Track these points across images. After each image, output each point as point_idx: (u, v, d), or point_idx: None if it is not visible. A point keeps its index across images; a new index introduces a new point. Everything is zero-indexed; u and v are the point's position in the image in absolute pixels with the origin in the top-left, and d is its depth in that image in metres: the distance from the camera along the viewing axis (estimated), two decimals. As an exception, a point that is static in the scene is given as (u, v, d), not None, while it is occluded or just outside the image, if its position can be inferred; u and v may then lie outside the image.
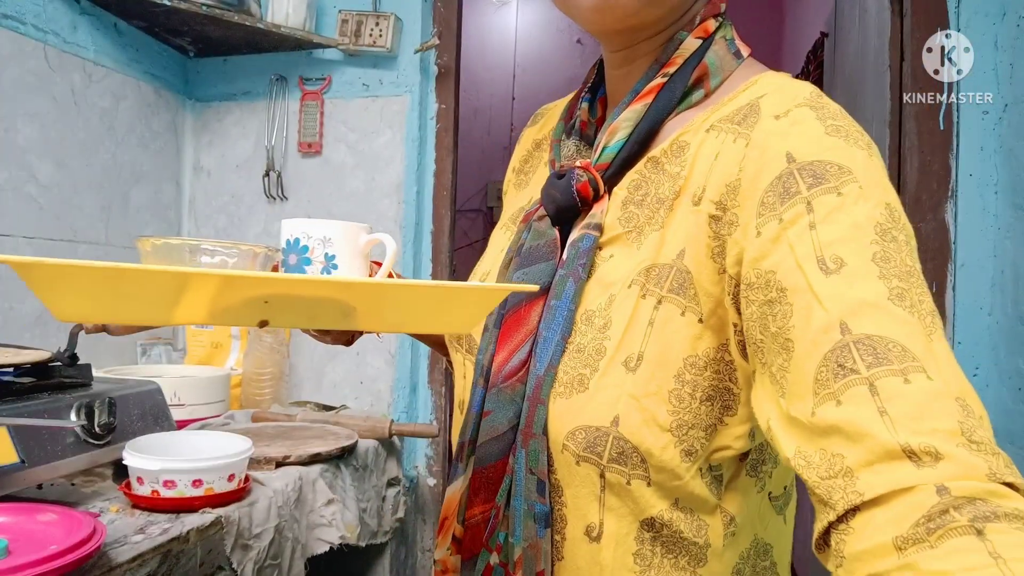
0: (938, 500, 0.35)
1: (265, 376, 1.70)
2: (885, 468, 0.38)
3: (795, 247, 0.45)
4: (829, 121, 0.50)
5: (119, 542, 0.87)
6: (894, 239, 0.45)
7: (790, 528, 0.61)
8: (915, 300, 0.43)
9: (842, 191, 0.46)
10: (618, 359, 0.52)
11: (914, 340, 0.41)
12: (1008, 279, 1.45)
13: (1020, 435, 1.38)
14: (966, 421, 0.39)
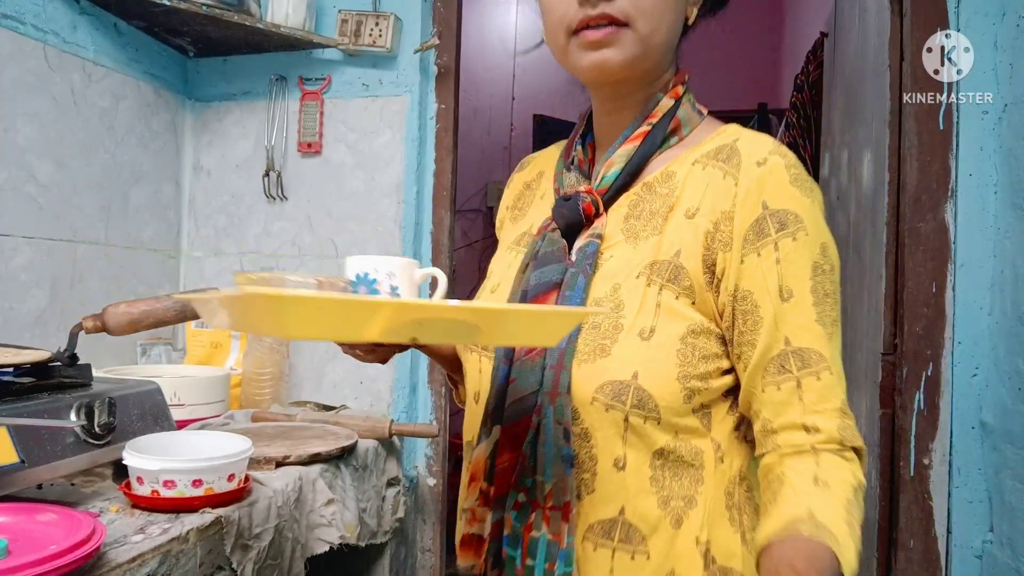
0: (812, 451, 0.68)
1: (265, 376, 1.70)
2: (791, 434, 0.69)
3: (767, 278, 0.69)
4: (792, 170, 0.72)
5: (119, 542, 0.87)
6: (823, 271, 0.70)
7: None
8: (827, 318, 0.69)
9: (796, 237, 0.69)
10: (633, 331, 0.70)
11: (825, 348, 0.69)
12: (1008, 279, 1.45)
13: (1020, 435, 1.38)
14: (843, 403, 0.69)
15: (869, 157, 1.77)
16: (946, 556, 1.52)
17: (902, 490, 1.55)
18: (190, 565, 0.92)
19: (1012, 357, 1.42)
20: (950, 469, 1.53)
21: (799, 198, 0.70)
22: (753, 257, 0.70)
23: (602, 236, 0.76)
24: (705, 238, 0.71)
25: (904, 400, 1.55)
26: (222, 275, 1.97)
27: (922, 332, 1.54)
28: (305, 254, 1.93)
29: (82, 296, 1.64)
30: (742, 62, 3.89)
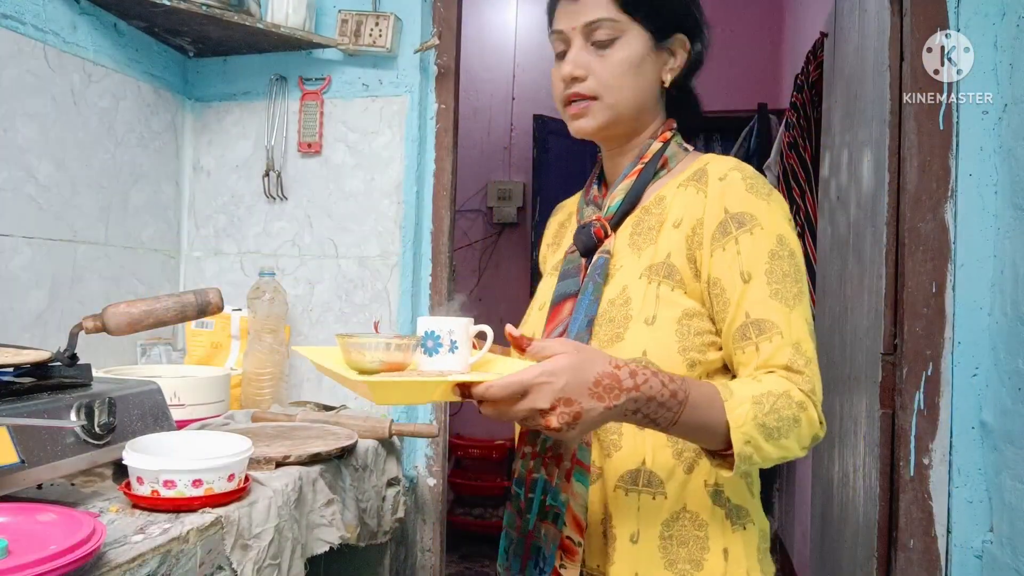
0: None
1: (265, 376, 1.70)
2: (762, 374, 0.84)
3: (730, 267, 0.88)
4: (748, 180, 0.90)
5: (119, 542, 0.87)
6: (780, 257, 0.87)
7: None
8: (785, 293, 0.86)
9: (753, 232, 0.88)
10: (639, 320, 0.90)
11: (779, 317, 0.85)
12: (1008, 279, 1.45)
13: (1020, 435, 1.38)
14: (792, 358, 0.84)
15: (869, 157, 1.77)
16: (946, 556, 1.52)
17: (902, 490, 1.55)
18: (190, 565, 0.92)
19: (1012, 357, 1.42)
20: (950, 469, 1.53)
21: (754, 202, 0.89)
22: (720, 251, 0.88)
23: (611, 252, 0.96)
24: (686, 241, 0.91)
25: (904, 400, 1.55)
26: (222, 275, 1.97)
27: (922, 332, 1.54)
28: (305, 254, 1.93)
29: (82, 296, 1.64)
30: (742, 62, 3.89)
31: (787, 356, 0.83)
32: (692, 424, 0.78)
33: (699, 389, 0.79)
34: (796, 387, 0.82)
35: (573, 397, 0.72)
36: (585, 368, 0.73)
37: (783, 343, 0.84)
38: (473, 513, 3.86)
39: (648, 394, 0.75)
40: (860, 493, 1.75)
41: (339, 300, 1.90)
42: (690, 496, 0.89)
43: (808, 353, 0.85)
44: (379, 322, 1.87)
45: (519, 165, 4.12)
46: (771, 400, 0.80)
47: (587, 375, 0.73)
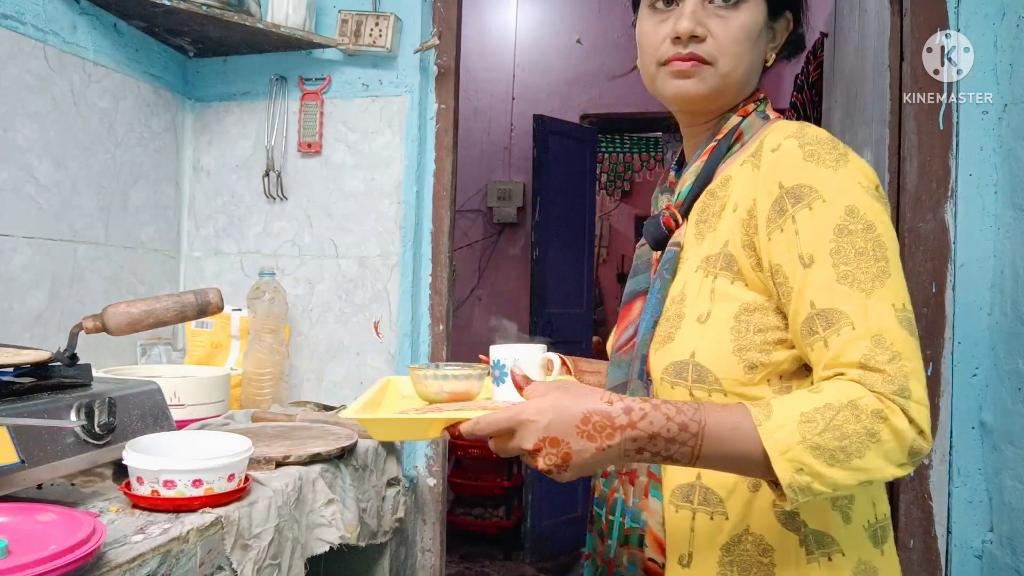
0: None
1: (265, 376, 1.70)
2: (822, 382, 0.71)
3: (789, 250, 0.75)
4: (807, 147, 0.76)
5: (119, 542, 0.87)
6: (850, 232, 0.73)
7: None
8: (858, 276, 0.72)
9: (812, 206, 0.74)
10: (691, 317, 0.80)
11: (850, 304, 0.71)
12: (1008, 279, 1.45)
13: (1020, 435, 1.38)
14: (869, 353, 0.69)
15: (869, 157, 1.77)
16: (946, 556, 1.53)
17: (902, 490, 1.55)
18: (190, 565, 0.92)
19: (1012, 357, 1.42)
20: (950, 469, 1.53)
21: (814, 170, 0.75)
22: (777, 233, 0.76)
23: (681, 244, 0.86)
24: (742, 226, 0.79)
25: (904, 400, 1.55)
26: (222, 275, 1.97)
27: (922, 332, 1.54)
28: (305, 254, 1.93)
29: (82, 296, 1.64)
30: (742, 62, 3.89)
31: (862, 351, 0.68)
32: (721, 457, 0.69)
33: (720, 415, 0.68)
34: (870, 392, 0.67)
35: (560, 437, 0.68)
36: (570, 406, 0.68)
37: (855, 336, 0.69)
38: (473, 513, 3.86)
39: (649, 431, 0.68)
40: (860, 493, 1.75)
41: (339, 300, 1.90)
42: (755, 517, 0.77)
43: (895, 346, 0.68)
44: (379, 322, 1.87)
45: (519, 165, 4.12)
46: (828, 415, 0.66)
47: (573, 413, 0.68)
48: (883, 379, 0.67)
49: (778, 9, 0.88)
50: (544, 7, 4.22)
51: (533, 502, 3.65)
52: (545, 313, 3.63)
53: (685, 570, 0.79)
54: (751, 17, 0.83)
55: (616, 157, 5.96)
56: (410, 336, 1.87)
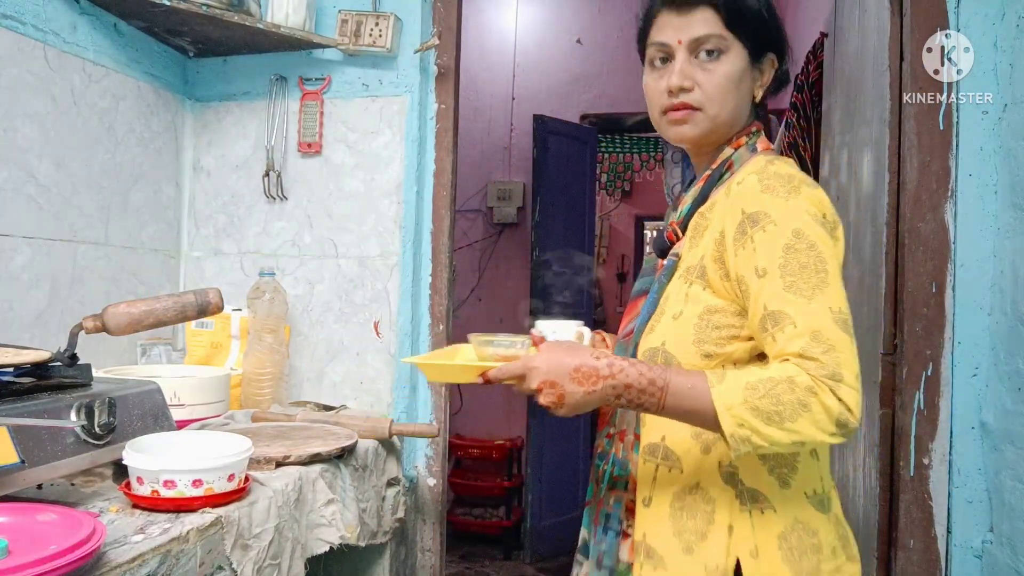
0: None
1: (265, 376, 1.70)
2: (751, 369, 0.89)
3: (748, 264, 0.92)
4: (765, 182, 0.94)
5: (119, 542, 0.87)
6: (796, 250, 0.89)
7: None
8: (800, 285, 0.88)
9: (766, 228, 0.91)
10: (669, 314, 0.99)
11: (793, 308, 0.87)
12: (1008, 279, 1.45)
13: (1020, 435, 1.38)
14: (807, 345, 0.84)
15: (869, 157, 1.77)
16: (946, 556, 1.53)
17: (902, 490, 1.55)
18: (190, 565, 0.92)
19: (1012, 357, 1.42)
20: (950, 469, 1.53)
21: (769, 200, 0.92)
22: (740, 250, 0.93)
23: (679, 255, 1.03)
24: (715, 244, 0.96)
25: (904, 400, 1.55)
26: (222, 275, 1.97)
27: (922, 332, 1.54)
28: (305, 254, 1.93)
29: (82, 296, 1.64)
30: (742, 62, 3.89)
31: (800, 345, 0.84)
32: (681, 409, 0.88)
33: (683, 377, 0.88)
34: (806, 373, 0.83)
35: (557, 381, 0.89)
36: (565, 360, 0.90)
37: (796, 333, 0.85)
38: (473, 513, 3.86)
39: (625, 382, 0.88)
40: (860, 493, 1.75)
41: (339, 300, 1.90)
42: (704, 474, 0.96)
43: (829, 340, 0.84)
44: (379, 322, 1.87)
45: (519, 165, 4.11)
46: (769, 385, 0.83)
47: (567, 364, 0.89)
48: (817, 365, 0.83)
49: (759, 53, 1.02)
50: (544, 7, 4.21)
51: (533, 502, 3.65)
52: (545, 313, 3.63)
53: (646, 509, 0.99)
54: (732, 66, 0.99)
55: (616, 157, 5.96)
56: (410, 336, 1.87)
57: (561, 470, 3.75)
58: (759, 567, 0.91)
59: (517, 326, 3.99)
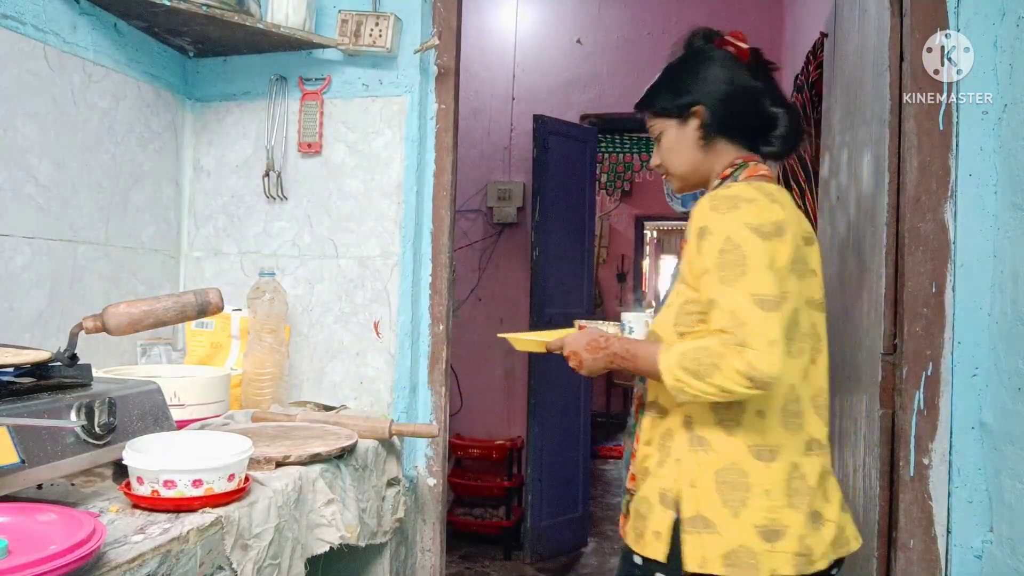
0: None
1: (265, 376, 1.70)
2: (692, 341, 1.20)
3: (701, 266, 1.19)
4: (713, 202, 1.21)
5: (119, 542, 0.87)
6: (725, 252, 1.16)
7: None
8: (728, 277, 1.15)
9: (707, 238, 1.19)
10: (664, 305, 1.30)
11: (721, 295, 1.15)
12: (1008, 279, 1.45)
13: (1020, 435, 1.38)
14: (726, 323, 1.13)
15: (869, 157, 1.77)
16: (946, 556, 1.53)
17: (902, 490, 1.55)
18: (190, 565, 0.92)
19: (1012, 357, 1.42)
20: (950, 469, 1.53)
21: (712, 216, 1.20)
22: (696, 256, 1.21)
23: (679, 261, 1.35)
24: (686, 251, 1.26)
25: (904, 400, 1.55)
26: (222, 275, 1.97)
27: (922, 332, 1.54)
28: (305, 254, 1.93)
29: (82, 296, 1.64)
30: (742, 62, 3.89)
31: (722, 322, 1.14)
32: (645, 370, 1.24)
33: (647, 349, 1.23)
34: (720, 342, 1.12)
35: (578, 351, 1.32)
36: (583, 338, 1.33)
37: (721, 314, 1.14)
38: (473, 513, 3.86)
39: (614, 351, 1.28)
40: (860, 493, 1.75)
41: (339, 300, 1.90)
42: (674, 422, 1.26)
43: (742, 316, 1.12)
44: (379, 322, 1.87)
45: (519, 165, 4.11)
46: (694, 351, 1.14)
47: (583, 341, 1.32)
48: (730, 337, 1.11)
49: (682, 112, 1.32)
50: (544, 7, 4.21)
51: (533, 502, 3.65)
52: (545, 313, 3.63)
53: (645, 447, 1.31)
54: (668, 138, 1.35)
55: (616, 157, 5.96)
56: (410, 336, 1.87)
57: (561, 470, 3.75)
58: (695, 495, 1.19)
59: (518, 325, 3.99)
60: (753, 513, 1.15)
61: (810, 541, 1.15)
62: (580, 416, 3.86)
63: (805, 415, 1.22)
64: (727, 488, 1.17)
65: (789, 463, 1.18)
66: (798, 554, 1.14)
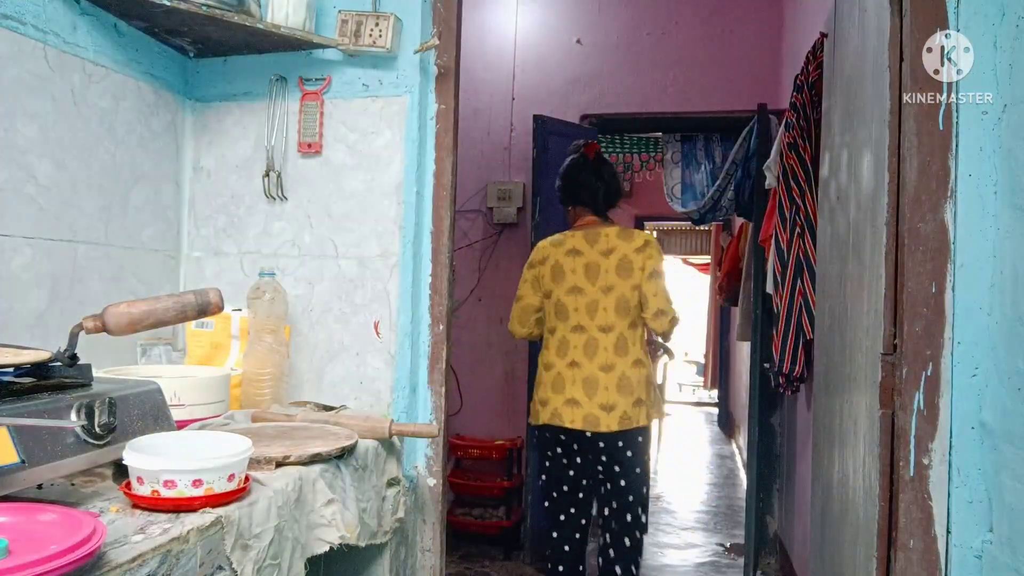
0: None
1: (265, 376, 1.70)
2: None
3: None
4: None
5: (119, 542, 0.87)
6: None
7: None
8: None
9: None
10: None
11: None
12: (1008, 279, 1.45)
13: (1020, 435, 1.39)
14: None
15: (869, 157, 1.77)
16: (946, 556, 1.53)
17: (902, 490, 1.55)
18: (190, 565, 0.92)
19: (1012, 357, 1.42)
20: (950, 469, 1.53)
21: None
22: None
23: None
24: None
25: (904, 400, 1.55)
26: (222, 275, 1.98)
27: (922, 332, 1.54)
28: (305, 254, 1.93)
29: (82, 296, 1.65)
30: (742, 62, 3.89)
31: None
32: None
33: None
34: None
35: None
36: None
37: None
38: (473, 513, 3.86)
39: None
40: (860, 493, 1.75)
41: (339, 300, 1.90)
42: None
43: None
44: (379, 322, 1.87)
45: (519, 165, 4.12)
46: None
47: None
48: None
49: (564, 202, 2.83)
50: (544, 7, 4.22)
51: (533, 502, 3.65)
52: (545, 313, 3.63)
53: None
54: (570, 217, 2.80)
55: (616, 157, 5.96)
56: (410, 336, 1.87)
57: (561, 470, 3.75)
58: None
59: (517, 326, 3.99)
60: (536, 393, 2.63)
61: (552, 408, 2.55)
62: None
63: (566, 347, 2.53)
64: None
65: (556, 371, 2.55)
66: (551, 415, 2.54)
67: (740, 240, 4.50)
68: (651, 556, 3.94)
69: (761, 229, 3.19)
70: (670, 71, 4.00)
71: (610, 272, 2.50)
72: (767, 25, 3.94)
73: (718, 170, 4.43)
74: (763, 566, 3.73)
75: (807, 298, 2.67)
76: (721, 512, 4.82)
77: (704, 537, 4.28)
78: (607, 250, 2.52)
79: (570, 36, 4.18)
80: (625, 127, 4.80)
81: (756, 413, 3.50)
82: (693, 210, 4.64)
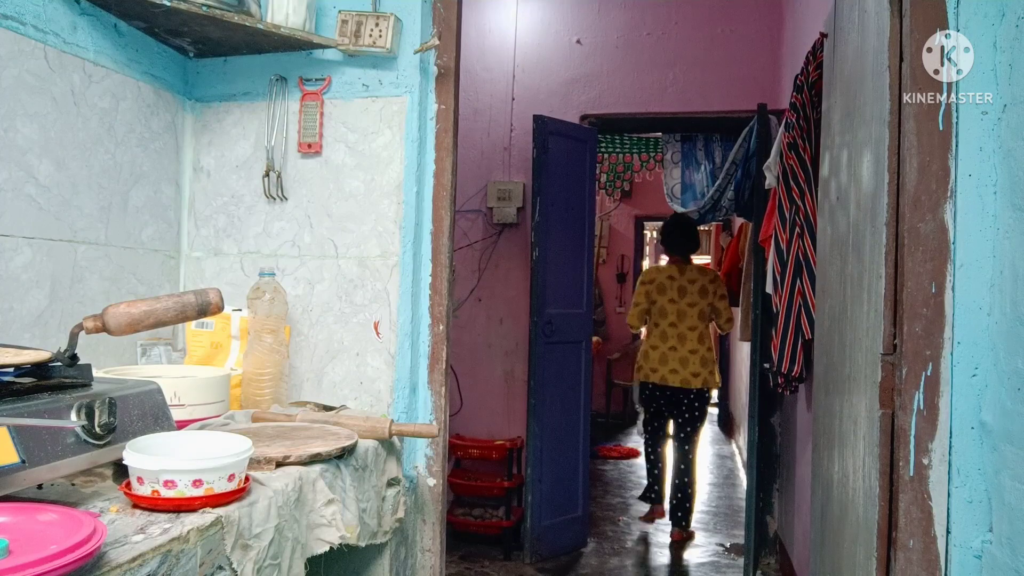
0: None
1: (265, 376, 1.70)
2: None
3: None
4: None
5: (119, 542, 0.87)
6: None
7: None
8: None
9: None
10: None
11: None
12: (1007, 279, 1.45)
13: (1020, 435, 1.39)
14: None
15: (869, 157, 1.77)
16: (946, 556, 1.53)
17: (902, 490, 1.55)
18: (190, 565, 0.92)
19: (1012, 357, 1.42)
20: (950, 469, 1.53)
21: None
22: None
23: None
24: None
25: (904, 400, 1.55)
26: (222, 275, 1.98)
27: (922, 332, 1.54)
28: (305, 254, 1.93)
29: (82, 296, 1.65)
30: (742, 62, 3.89)
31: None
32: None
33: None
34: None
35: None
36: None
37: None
38: (473, 513, 3.86)
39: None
40: (860, 493, 1.75)
41: (339, 300, 1.90)
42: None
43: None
44: (379, 322, 1.87)
45: (519, 165, 4.12)
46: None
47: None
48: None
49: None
50: (544, 7, 4.22)
51: (533, 502, 3.65)
52: (545, 313, 3.63)
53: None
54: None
55: (616, 157, 5.96)
56: (410, 336, 1.87)
57: (561, 470, 3.76)
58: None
59: (518, 326, 4.00)
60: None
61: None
62: (580, 416, 3.86)
63: (666, 337, 4.11)
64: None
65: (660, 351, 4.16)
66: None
67: (740, 240, 4.50)
68: (652, 556, 3.94)
69: (761, 229, 3.19)
70: (670, 71, 4.00)
71: (694, 293, 4.12)
72: (767, 25, 3.94)
73: (718, 170, 4.44)
74: (763, 566, 3.73)
75: (806, 298, 2.67)
76: (721, 512, 4.82)
77: (704, 537, 4.28)
78: (691, 280, 4.15)
79: (570, 36, 4.18)
80: (625, 127, 4.80)
81: (756, 413, 3.50)
82: (693, 210, 4.65)
